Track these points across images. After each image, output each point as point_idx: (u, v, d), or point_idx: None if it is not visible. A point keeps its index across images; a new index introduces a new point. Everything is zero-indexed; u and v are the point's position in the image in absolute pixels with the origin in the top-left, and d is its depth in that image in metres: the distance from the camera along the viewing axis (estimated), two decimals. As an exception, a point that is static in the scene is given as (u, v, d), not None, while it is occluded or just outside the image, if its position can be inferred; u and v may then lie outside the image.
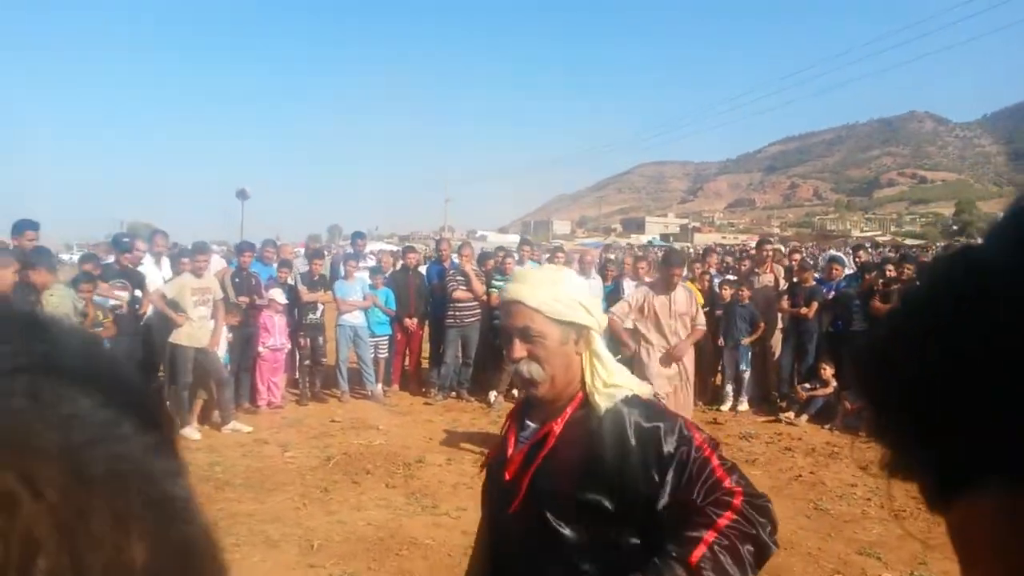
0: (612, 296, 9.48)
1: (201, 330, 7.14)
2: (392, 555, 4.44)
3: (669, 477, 1.52)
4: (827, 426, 7.77)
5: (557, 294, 1.57)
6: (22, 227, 6.61)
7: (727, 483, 1.52)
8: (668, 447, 1.53)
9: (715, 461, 1.55)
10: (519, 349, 1.58)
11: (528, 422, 1.72)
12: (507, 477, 1.68)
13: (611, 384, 1.60)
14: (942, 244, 31.77)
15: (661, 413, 1.61)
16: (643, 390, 1.66)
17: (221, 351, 7.46)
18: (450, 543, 4.63)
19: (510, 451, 1.71)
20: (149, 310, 7.39)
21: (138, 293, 7.31)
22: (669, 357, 6.30)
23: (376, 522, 4.96)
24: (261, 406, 8.10)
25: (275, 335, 8.25)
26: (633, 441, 1.54)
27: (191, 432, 6.97)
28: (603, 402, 1.58)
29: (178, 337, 7.04)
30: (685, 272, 9.95)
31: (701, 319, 6.59)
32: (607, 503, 1.53)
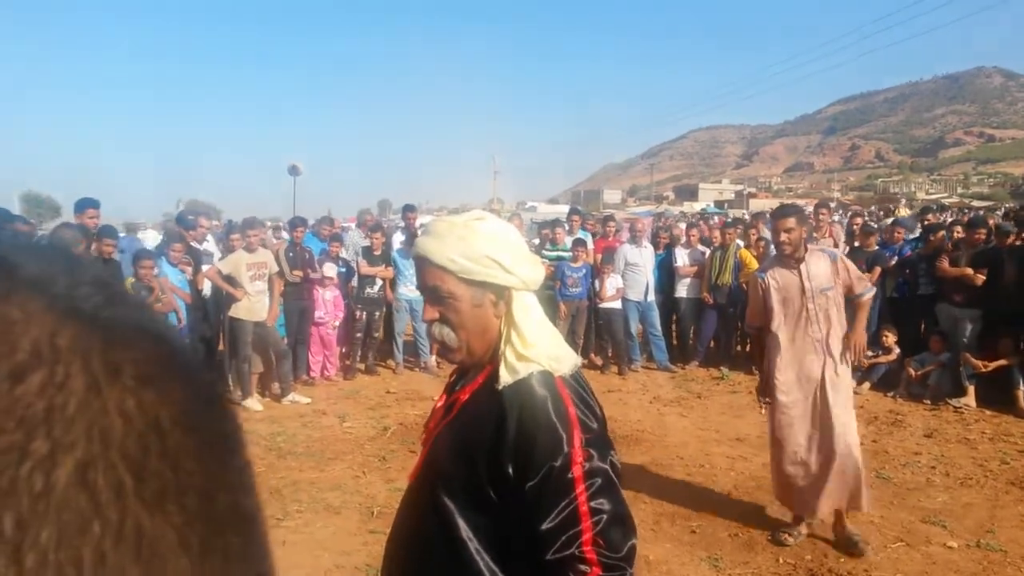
0: (664, 264, 9.39)
1: (259, 304, 7.31)
2: (449, 522, 4.50)
3: (528, 488, 1.32)
4: (890, 394, 7.58)
5: (467, 250, 1.39)
6: (83, 205, 6.83)
7: (585, 535, 1.29)
8: (540, 456, 1.32)
9: (581, 493, 1.31)
10: (429, 311, 1.44)
11: (457, 387, 1.58)
12: (422, 443, 1.59)
13: (524, 356, 1.40)
14: (1011, 205, 30.47)
15: (559, 409, 1.36)
16: (562, 366, 1.43)
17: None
18: (506, 511, 4.67)
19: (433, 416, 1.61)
20: (207, 287, 7.59)
21: (204, 267, 7.58)
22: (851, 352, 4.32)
23: (433, 490, 5.03)
24: (317, 378, 8.28)
25: (329, 308, 8.40)
26: (513, 432, 1.35)
27: (253, 403, 7.17)
28: (507, 375, 1.39)
29: (237, 311, 7.22)
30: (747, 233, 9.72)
31: (862, 287, 4.33)
32: (473, 484, 1.38)
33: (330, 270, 8.40)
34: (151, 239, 11.22)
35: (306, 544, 4.20)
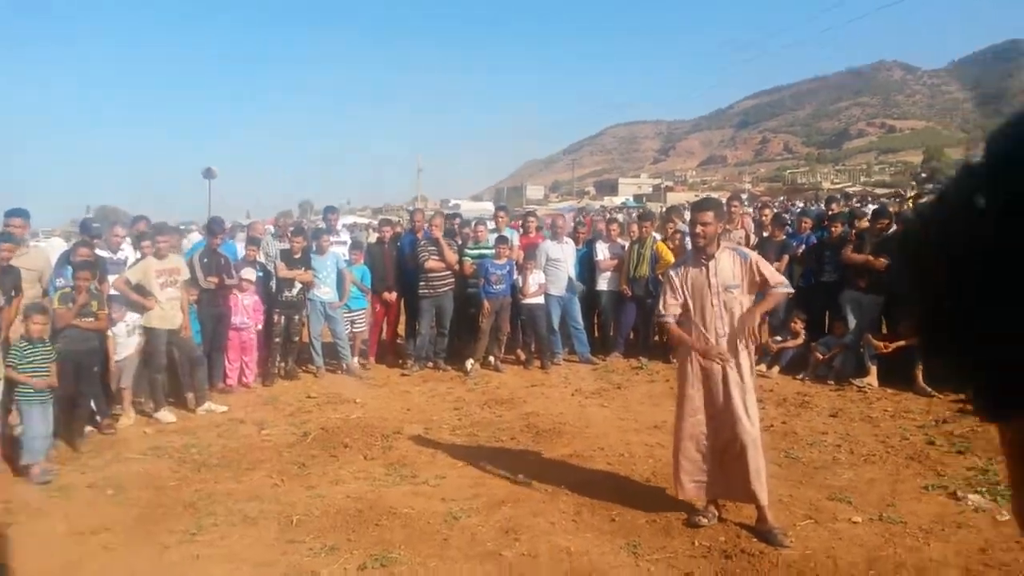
0: (585, 260, 9.53)
1: (173, 311, 7.08)
2: (372, 526, 4.47)
3: None
4: (798, 376, 7.90)
5: None
6: (9, 215, 6.77)
7: None
8: None
9: None
10: None
11: None
12: None
13: None
14: (911, 192, 32.14)
15: None
16: None
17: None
18: (430, 511, 4.67)
19: None
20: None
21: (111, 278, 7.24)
22: (738, 330, 4.26)
23: (355, 494, 4.98)
24: (234, 386, 8.07)
25: (246, 314, 8.19)
26: None
27: (165, 415, 6.93)
28: None
29: (150, 320, 6.97)
30: (678, 227, 9.86)
31: (776, 281, 4.33)
32: None
33: (249, 273, 8.21)
34: (56, 246, 10.72)
35: (222, 557, 4.10)
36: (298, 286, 8.57)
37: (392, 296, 9.35)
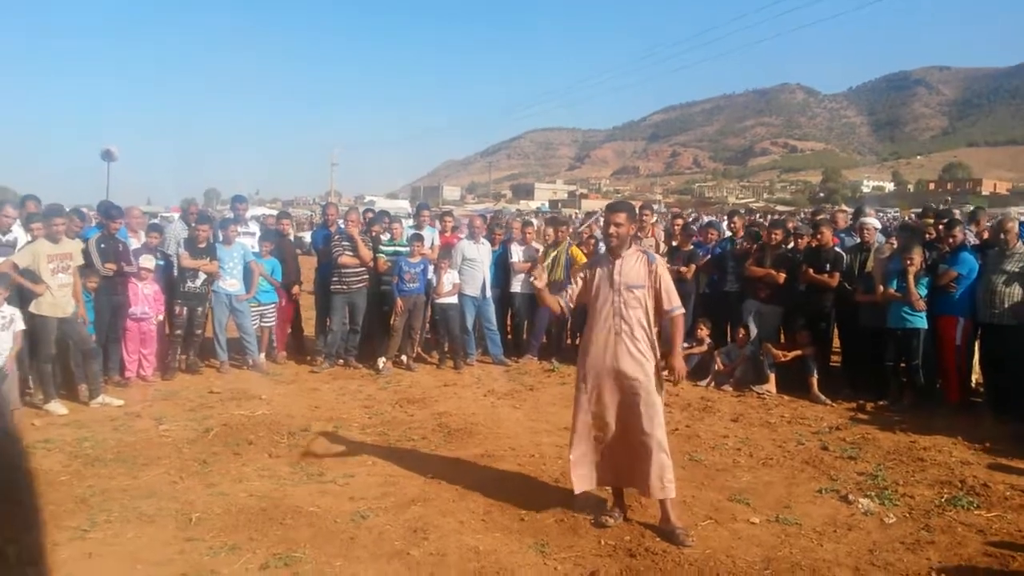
0: (500, 261, 9.57)
1: (64, 298, 6.70)
2: (276, 524, 4.34)
3: None
4: (701, 382, 8.16)
5: None
6: None
7: None
8: None
9: None
10: None
11: None
12: None
13: None
14: (810, 210, 33.78)
15: None
16: None
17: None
18: (337, 510, 4.58)
19: None
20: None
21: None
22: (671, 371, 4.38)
23: (259, 492, 4.83)
24: (131, 379, 7.71)
25: (147, 304, 7.84)
26: None
27: (56, 407, 6.56)
28: None
29: (39, 307, 6.58)
30: (572, 232, 10.09)
31: (670, 303, 4.34)
32: None
33: (147, 261, 7.86)
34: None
35: (116, 556, 3.90)
36: (202, 277, 8.26)
37: (297, 290, 9.28)
